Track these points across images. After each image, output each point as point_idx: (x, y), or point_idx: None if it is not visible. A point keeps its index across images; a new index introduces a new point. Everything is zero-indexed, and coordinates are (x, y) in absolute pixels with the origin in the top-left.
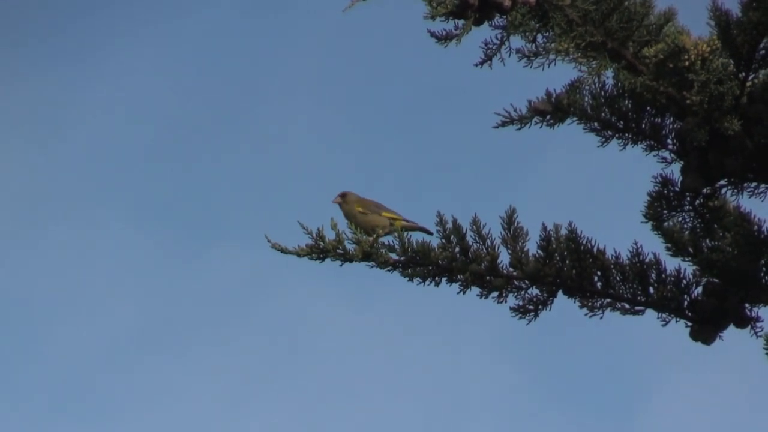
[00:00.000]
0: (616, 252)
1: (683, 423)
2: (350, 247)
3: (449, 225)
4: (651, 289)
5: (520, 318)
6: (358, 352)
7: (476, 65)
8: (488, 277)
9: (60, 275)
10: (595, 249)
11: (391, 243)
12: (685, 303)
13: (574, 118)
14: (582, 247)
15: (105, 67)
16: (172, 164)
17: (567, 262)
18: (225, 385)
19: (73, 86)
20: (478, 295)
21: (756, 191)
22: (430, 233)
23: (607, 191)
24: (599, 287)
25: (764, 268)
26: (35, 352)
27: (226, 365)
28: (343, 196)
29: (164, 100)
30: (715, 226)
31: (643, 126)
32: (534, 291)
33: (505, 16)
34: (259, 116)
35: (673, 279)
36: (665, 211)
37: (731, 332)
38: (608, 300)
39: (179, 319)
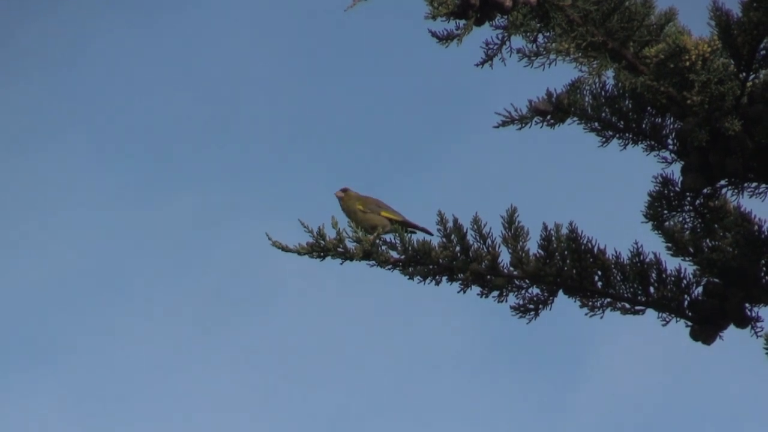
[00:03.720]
0: (616, 252)
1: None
2: (351, 245)
3: (450, 224)
4: (651, 289)
5: (521, 317)
6: (320, 294)
7: (477, 65)
8: (489, 277)
9: (13, 208)
10: (595, 248)
11: (392, 241)
12: (686, 303)
13: (575, 118)
14: (582, 247)
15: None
16: (138, 105)
17: (567, 261)
18: (179, 326)
19: (24, 18)
20: (478, 294)
21: (756, 191)
22: (430, 233)
23: (608, 191)
24: (600, 287)
25: (765, 268)
26: None
27: (180, 306)
28: (345, 191)
29: (128, 46)
30: (716, 226)
31: (644, 126)
32: (534, 290)
33: (506, 16)
34: (225, 66)
35: (673, 279)
36: (666, 211)
37: (731, 332)
38: (608, 299)
39: (134, 259)
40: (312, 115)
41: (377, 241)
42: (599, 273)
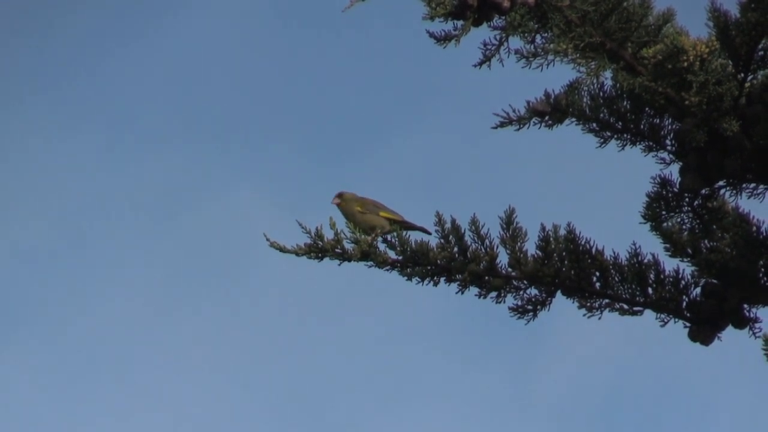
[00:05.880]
0: (614, 252)
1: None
2: (349, 246)
3: (448, 225)
4: (650, 290)
5: (519, 318)
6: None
7: (475, 66)
8: (487, 277)
9: None
10: (593, 249)
11: (391, 240)
12: (684, 304)
13: (573, 119)
14: (581, 248)
15: None
16: (106, 68)
17: (566, 262)
18: (152, 293)
19: None
20: (476, 295)
21: (755, 192)
22: (428, 233)
23: (606, 192)
24: (598, 287)
25: (763, 269)
26: None
27: (153, 274)
28: (340, 196)
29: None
30: (714, 226)
31: (642, 127)
32: (533, 291)
33: (504, 17)
34: (197, 38)
35: (671, 280)
36: (664, 212)
37: (730, 332)
38: (607, 300)
39: (106, 226)
40: (290, 91)
41: (375, 241)
42: (597, 274)
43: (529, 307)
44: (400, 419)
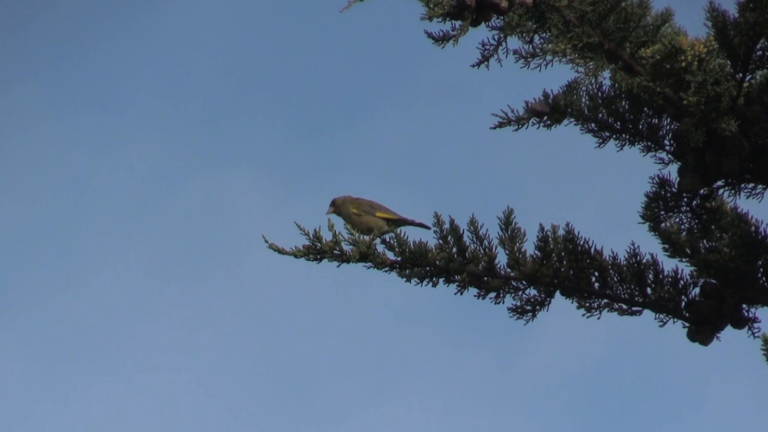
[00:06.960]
0: (613, 253)
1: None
2: (347, 248)
3: (446, 225)
4: (648, 290)
5: (518, 318)
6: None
7: (473, 66)
8: (486, 278)
9: None
10: (592, 249)
11: (390, 241)
12: (683, 304)
13: (572, 119)
14: (579, 248)
15: None
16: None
17: (564, 262)
18: (141, 280)
19: None
20: (475, 295)
21: (753, 192)
22: (427, 227)
23: (605, 192)
24: (597, 288)
25: (762, 269)
26: None
27: (141, 259)
28: (332, 203)
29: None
30: (713, 226)
31: (641, 127)
32: (531, 291)
33: (502, 17)
34: (183, 20)
35: (670, 280)
36: (662, 212)
37: (728, 333)
38: (606, 300)
39: (94, 208)
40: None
41: (373, 243)
42: (596, 274)
43: (528, 308)
44: (390, 405)
